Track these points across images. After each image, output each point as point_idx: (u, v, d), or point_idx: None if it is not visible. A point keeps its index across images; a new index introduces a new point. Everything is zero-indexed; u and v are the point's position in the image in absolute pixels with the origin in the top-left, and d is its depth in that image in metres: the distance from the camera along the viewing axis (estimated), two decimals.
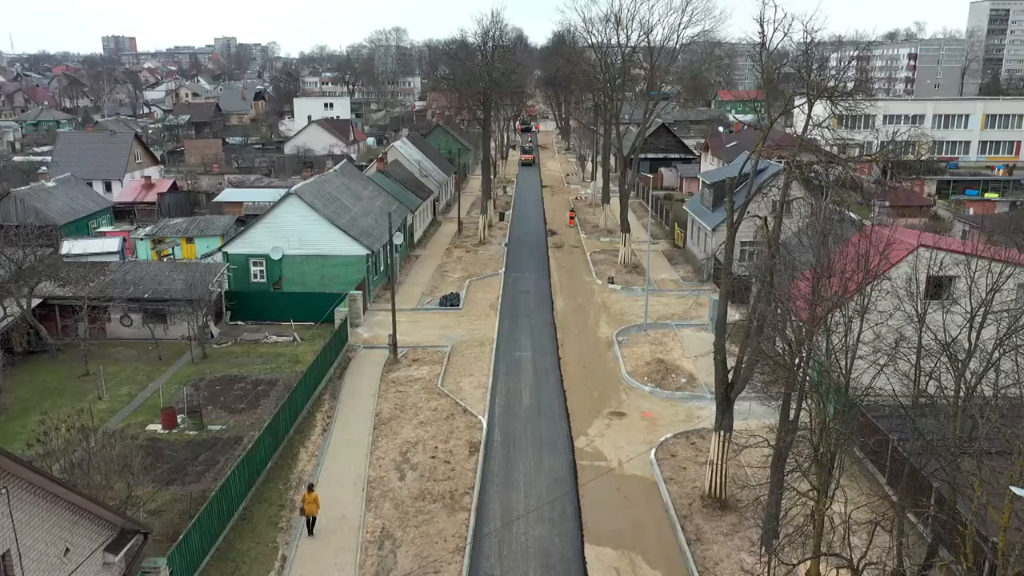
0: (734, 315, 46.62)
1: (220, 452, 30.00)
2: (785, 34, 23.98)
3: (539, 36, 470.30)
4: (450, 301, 49.22)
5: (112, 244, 53.01)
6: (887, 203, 59.15)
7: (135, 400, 34.97)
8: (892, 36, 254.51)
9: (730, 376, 25.97)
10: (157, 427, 31.99)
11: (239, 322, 45.16)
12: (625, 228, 57.66)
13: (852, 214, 38.37)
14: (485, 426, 32.50)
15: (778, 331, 20.43)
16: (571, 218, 76.29)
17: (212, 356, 39.95)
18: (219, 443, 30.70)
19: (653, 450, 30.45)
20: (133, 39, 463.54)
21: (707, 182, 55.82)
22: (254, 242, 49.09)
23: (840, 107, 23.22)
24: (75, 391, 35.68)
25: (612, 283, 53.41)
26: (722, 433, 26.19)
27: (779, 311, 21.69)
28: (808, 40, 23.05)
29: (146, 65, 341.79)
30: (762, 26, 23.94)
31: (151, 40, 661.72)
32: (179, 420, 32.17)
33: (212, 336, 42.41)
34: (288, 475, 28.81)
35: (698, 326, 44.86)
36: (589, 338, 43.51)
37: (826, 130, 23.23)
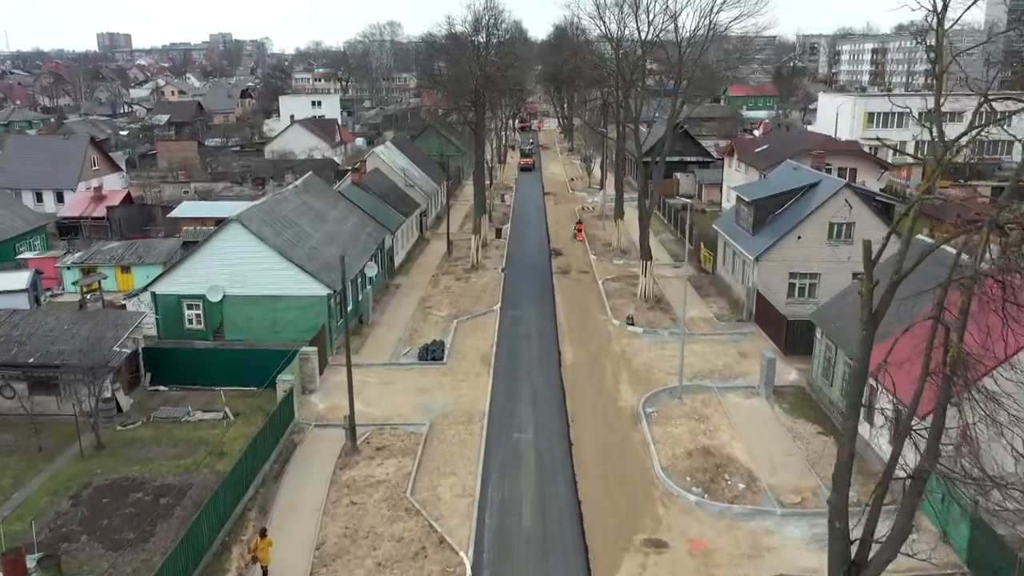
0: (791, 373, 37.14)
1: None
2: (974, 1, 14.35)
3: (540, 29, 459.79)
4: (432, 353, 39.49)
5: (19, 280, 42.99)
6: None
7: None
8: (903, 29, 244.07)
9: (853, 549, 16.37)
10: None
11: (161, 387, 35.43)
12: (647, 255, 47.85)
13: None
14: (469, 571, 22.86)
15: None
16: (579, 230, 66.46)
17: (112, 445, 30.21)
18: None
19: None
20: (128, 36, 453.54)
21: (746, 199, 46.02)
22: (189, 279, 39.52)
23: None
24: None
25: (631, 324, 43.58)
26: None
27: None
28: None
29: (138, 62, 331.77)
30: None
31: (148, 37, 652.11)
32: (30, 570, 22.52)
33: (121, 411, 32.79)
34: None
35: (745, 389, 35.17)
36: (608, 409, 33.82)
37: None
